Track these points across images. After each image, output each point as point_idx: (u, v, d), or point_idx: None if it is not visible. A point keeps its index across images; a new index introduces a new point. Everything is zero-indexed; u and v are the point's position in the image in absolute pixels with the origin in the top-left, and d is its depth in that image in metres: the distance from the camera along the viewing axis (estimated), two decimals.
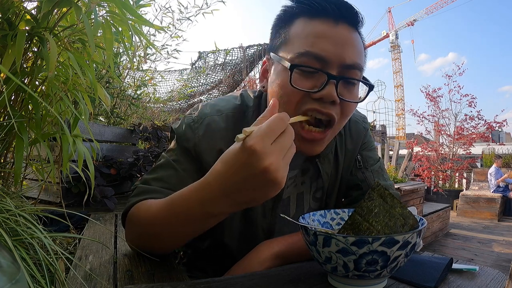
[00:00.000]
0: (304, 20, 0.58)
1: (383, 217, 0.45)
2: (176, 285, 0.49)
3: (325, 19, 0.57)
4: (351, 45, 0.57)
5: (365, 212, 0.46)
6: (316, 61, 0.55)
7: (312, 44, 0.55)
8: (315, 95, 0.56)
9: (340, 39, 0.56)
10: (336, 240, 0.41)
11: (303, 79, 0.56)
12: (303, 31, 0.57)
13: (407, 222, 0.46)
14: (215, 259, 0.75)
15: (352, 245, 0.40)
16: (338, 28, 0.56)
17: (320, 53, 0.55)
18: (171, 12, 2.64)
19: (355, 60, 0.57)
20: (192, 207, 0.49)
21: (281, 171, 0.42)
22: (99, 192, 1.46)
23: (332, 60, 0.55)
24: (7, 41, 0.73)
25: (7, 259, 0.30)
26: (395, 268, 0.44)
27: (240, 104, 0.70)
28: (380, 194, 0.47)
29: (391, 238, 0.40)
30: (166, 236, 0.57)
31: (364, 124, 0.78)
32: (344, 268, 0.43)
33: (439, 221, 4.65)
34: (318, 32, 0.56)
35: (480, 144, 9.11)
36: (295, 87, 0.56)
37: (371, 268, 0.42)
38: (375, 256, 0.41)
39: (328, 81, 0.55)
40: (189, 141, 0.66)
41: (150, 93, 3.54)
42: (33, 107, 0.82)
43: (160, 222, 0.55)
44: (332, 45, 0.55)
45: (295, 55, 0.57)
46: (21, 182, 0.90)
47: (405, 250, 0.42)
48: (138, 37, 1.02)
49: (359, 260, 0.41)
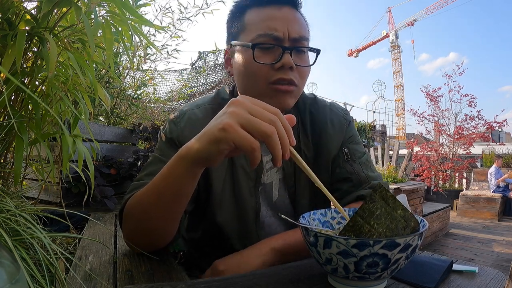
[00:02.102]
0: (255, 10, 0.70)
1: (384, 219, 0.45)
2: (176, 285, 0.49)
3: (271, 5, 0.69)
4: (296, 22, 0.69)
5: (367, 214, 0.45)
6: (271, 39, 0.67)
7: (266, 26, 0.67)
8: (276, 65, 0.67)
9: (286, 18, 0.68)
10: (337, 242, 0.41)
11: (263, 55, 0.68)
12: (256, 18, 0.69)
13: (408, 225, 0.46)
14: (212, 250, 0.77)
15: (353, 247, 0.40)
16: (282, 11, 0.69)
17: (273, 32, 0.67)
18: (171, 12, 2.63)
19: (301, 33, 0.69)
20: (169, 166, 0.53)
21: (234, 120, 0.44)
22: (99, 192, 1.46)
23: (283, 36, 0.67)
24: (7, 41, 0.73)
25: (7, 259, 0.30)
26: (396, 270, 0.43)
27: (216, 97, 0.80)
28: (382, 196, 0.46)
29: (392, 241, 0.40)
30: (155, 214, 0.58)
31: (345, 115, 0.85)
32: (345, 270, 0.43)
33: (439, 221, 4.65)
34: (268, 16, 0.68)
35: (480, 144, 9.10)
36: (258, 62, 0.67)
37: (371, 270, 0.42)
38: (376, 259, 0.40)
39: (284, 52, 0.67)
40: (173, 132, 0.73)
41: (150, 93, 3.54)
42: (33, 107, 0.82)
43: (147, 201, 0.58)
44: (281, 24, 0.67)
45: (253, 37, 0.68)
46: (21, 182, 0.90)
47: (406, 253, 0.42)
48: (138, 37, 1.02)
49: (360, 262, 0.41)
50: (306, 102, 0.83)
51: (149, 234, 0.62)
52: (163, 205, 0.57)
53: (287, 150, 0.44)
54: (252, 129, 0.43)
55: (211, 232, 0.76)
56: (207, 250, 0.79)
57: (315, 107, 0.82)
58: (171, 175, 0.53)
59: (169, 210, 0.58)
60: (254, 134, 0.43)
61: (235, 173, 0.74)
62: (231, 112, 0.44)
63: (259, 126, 0.43)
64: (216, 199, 0.73)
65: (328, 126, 0.80)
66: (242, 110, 0.44)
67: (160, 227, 0.61)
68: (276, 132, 0.43)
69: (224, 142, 0.44)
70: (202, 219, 0.76)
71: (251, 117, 0.44)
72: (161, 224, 0.61)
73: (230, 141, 0.44)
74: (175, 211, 0.59)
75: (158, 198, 0.57)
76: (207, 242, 0.79)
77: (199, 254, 0.81)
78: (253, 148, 0.43)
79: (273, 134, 0.43)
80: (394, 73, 35.52)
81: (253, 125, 0.43)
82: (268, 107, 0.45)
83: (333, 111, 0.83)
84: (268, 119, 0.44)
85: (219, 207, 0.73)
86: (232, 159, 0.75)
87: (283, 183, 0.79)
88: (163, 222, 0.61)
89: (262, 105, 0.46)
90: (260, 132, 0.43)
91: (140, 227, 0.62)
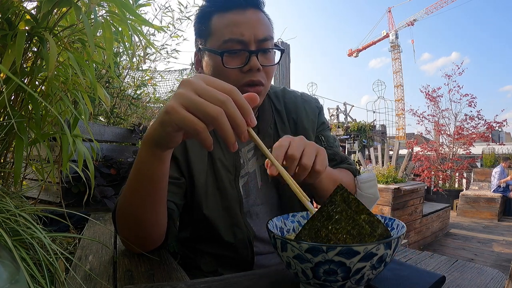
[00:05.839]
0: (220, 15, 0.72)
1: (345, 224, 0.41)
2: (176, 285, 0.49)
3: (235, 9, 0.71)
4: (260, 23, 0.72)
5: (325, 217, 0.41)
6: (237, 44, 0.70)
7: (231, 32, 0.69)
8: (244, 68, 0.70)
9: (250, 22, 0.70)
10: (291, 245, 0.38)
11: (231, 60, 0.71)
12: (222, 23, 0.71)
13: (374, 232, 0.40)
14: (203, 246, 0.79)
15: (306, 252, 0.37)
16: (247, 14, 0.71)
17: (239, 37, 0.69)
18: (170, 11, 2.64)
19: (265, 34, 0.72)
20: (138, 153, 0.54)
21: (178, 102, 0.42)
22: (99, 192, 1.46)
23: (248, 39, 0.69)
24: (7, 41, 0.73)
25: (7, 259, 0.30)
26: (363, 280, 0.39)
27: None
28: (343, 199, 0.42)
29: (349, 249, 0.36)
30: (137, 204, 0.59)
31: (316, 103, 0.91)
32: (304, 275, 0.40)
33: (439, 221, 4.66)
34: (233, 21, 0.70)
35: (480, 144, 9.10)
36: (227, 67, 0.70)
37: (331, 278, 0.38)
38: (332, 266, 0.37)
39: (250, 55, 0.70)
40: None
41: (150, 93, 3.54)
42: (33, 107, 0.82)
43: (128, 193, 0.59)
44: (246, 28, 0.69)
45: (220, 43, 0.70)
46: (21, 182, 0.90)
47: (370, 262, 0.37)
48: (138, 37, 1.02)
49: (316, 269, 0.38)
50: (278, 95, 0.89)
51: (140, 228, 0.62)
52: (141, 192, 0.57)
53: (243, 132, 0.41)
54: (196, 111, 0.41)
55: (200, 226, 0.77)
56: (199, 247, 0.80)
57: (288, 97, 0.89)
58: (140, 161, 0.54)
59: (147, 197, 0.58)
60: (199, 116, 0.41)
61: (215, 166, 0.77)
62: (177, 94, 0.43)
63: (203, 108, 0.40)
64: (200, 191, 0.75)
65: (303, 112, 0.86)
66: (188, 91, 0.42)
67: (147, 217, 0.61)
68: (223, 114, 0.40)
69: (168, 124, 0.44)
70: (190, 214, 0.78)
71: (196, 98, 0.41)
72: (147, 214, 0.60)
73: (174, 124, 0.43)
74: (154, 198, 0.59)
75: (135, 188, 0.58)
76: (198, 239, 0.80)
77: (193, 254, 0.81)
78: (197, 130, 0.41)
79: (219, 116, 0.40)
80: (394, 73, 35.52)
81: (197, 107, 0.41)
82: (223, 86, 0.43)
83: (305, 99, 0.90)
84: (216, 99, 0.41)
85: (205, 199, 0.75)
86: (210, 153, 0.77)
87: (264, 170, 0.81)
88: (148, 211, 0.60)
89: (216, 83, 0.43)
90: (205, 114, 0.40)
91: (130, 222, 0.62)
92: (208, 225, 0.76)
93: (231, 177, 0.78)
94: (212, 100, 0.41)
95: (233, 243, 0.75)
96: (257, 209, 0.81)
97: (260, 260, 0.77)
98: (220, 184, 0.76)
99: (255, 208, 0.80)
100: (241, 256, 0.76)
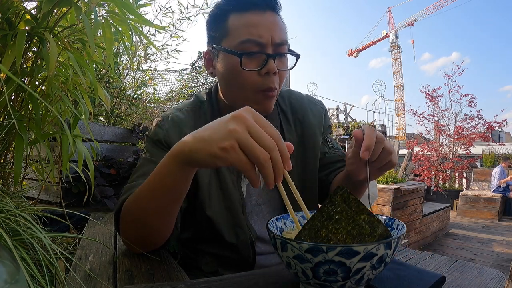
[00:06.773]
0: (238, 14, 0.71)
1: (345, 224, 0.41)
2: (176, 285, 0.49)
3: (254, 10, 0.70)
4: (278, 27, 0.71)
5: (325, 217, 0.42)
6: (255, 45, 0.69)
7: (250, 32, 0.69)
8: (262, 71, 0.70)
9: (269, 24, 0.70)
10: (291, 245, 0.38)
11: (249, 62, 0.70)
12: (240, 23, 0.70)
13: (374, 232, 0.41)
14: (205, 246, 0.79)
15: (306, 252, 0.37)
16: (266, 16, 0.70)
17: (257, 39, 0.68)
18: (171, 12, 2.63)
19: (282, 38, 0.71)
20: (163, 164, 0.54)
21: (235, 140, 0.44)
22: (99, 192, 1.46)
23: (266, 41, 0.69)
24: (7, 41, 0.73)
25: (7, 259, 0.30)
26: (363, 280, 0.40)
27: (195, 100, 0.84)
28: (343, 199, 0.42)
29: (349, 248, 0.36)
30: (151, 211, 0.59)
31: (321, 105, 0.93)
32: (304, 275, 0.40)
33: (439, 221, 4.66)
34: (252, 22, 0.69)
35: (480, 144, 9.09)
36: (245, 69, 0.69)
37: (331, 278, 0.39)
38: (332, 266, 0.37)
39: (268, 58, 0.69)
40: (159, 134, 0.76)
41: (150, 93, 3.54)
42: (33, 107, 0.82)
43: (143, 199, 0.59)
44: (264, 30, 0.69)
45: (236, 43, 0.69)
46: (21, 182, 0.90)
47: (370, 262, 0.38)
48: (138, 37, 1.02)
49: (316, 269, 0.38)
50: (283, 95, 0.90)
51: (146, 232, 0.63)
52: (159, 202, 0.58)
53: (280, 176, 0.44)
54: (248, 152, 0.43)
55: (203, 227, 0.77)
56: (200, 247, 0.80)
57: (293, 98, 0.90)
58: (166, 174, 0.54)
59: (164, 207, 0.59)
60: (249, 157, 0.44)
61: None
62: (233, 130, 0.44)
63: (255, 151, 0.43)
64: (204, 192, 0.75)
65: (309, 113, 0.88)
66: (243, 129, 0.44)
67: (157, 224, 0.62)
68: (269, 160, 0.43)
69: (223, 160, 0.45)
70: (193, 215, 0.78)
71: (250, 140, 0.44)
72: (158, 221, 0.61)
73: (229, 162, 0.45)
74: (170, 208, 0.60)
75: (153, 196, 0.57)
76: (199, 239, 0.80)
77: (194, 254, 0.81)
78: (246, 169, 0.44)
79: (266, 162, 0.43)
80: (394, 73, 35.52)
81: (249, 149, 0.43)
82: (269, 129, 0.45)
83: (311, 101, 0.92)
84: (266, 145, 0.44)
85: (208, 200, 0.75)
86: None
87: None
88: (160, 219, 0.61)
89: (263, 123, 0.45)
90: (255, 157, 0.43)
91: (138, 225, 0.62)
92: (211, 225, 0.76)
93: (234, 177, 0.78)
94: (262, 144, 0.44)
95: (235, 243, 0.75)
96: (260, 209, 0.81)
97: (260, 260, 0.77)
98: (223, 184, 0.76)
99: (257, 208, 0.81)
100: (243, 256, 0.76)
